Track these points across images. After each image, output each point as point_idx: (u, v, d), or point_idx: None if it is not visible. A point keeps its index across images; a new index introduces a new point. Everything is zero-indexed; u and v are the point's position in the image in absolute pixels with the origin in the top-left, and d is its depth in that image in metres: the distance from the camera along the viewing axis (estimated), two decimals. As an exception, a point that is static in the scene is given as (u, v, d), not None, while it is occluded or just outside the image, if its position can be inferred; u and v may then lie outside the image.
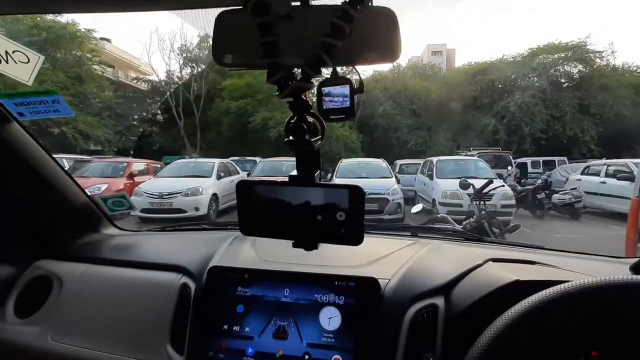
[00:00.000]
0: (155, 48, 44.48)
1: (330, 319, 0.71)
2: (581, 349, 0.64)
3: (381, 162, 8.84)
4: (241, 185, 0.57)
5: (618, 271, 0.79)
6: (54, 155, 0.99)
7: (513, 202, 6.89)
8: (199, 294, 0.80)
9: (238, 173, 9.96)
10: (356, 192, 0.52)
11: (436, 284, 0.73)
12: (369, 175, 8.08)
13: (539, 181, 8.66)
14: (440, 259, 0.86)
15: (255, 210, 0.57)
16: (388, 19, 0.51)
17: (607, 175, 8.39)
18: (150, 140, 23.08)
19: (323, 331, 0.70)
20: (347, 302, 0.72)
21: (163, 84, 23.22)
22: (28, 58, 0.75)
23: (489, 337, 0.42)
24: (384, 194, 6.94)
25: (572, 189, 8.18)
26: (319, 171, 0.56)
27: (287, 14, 0.51)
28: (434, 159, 8.77)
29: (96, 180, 7.95)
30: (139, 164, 9.72)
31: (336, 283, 0.73)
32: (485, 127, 19.45)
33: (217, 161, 8.91)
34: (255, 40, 0.48)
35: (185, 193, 7.25)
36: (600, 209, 8.22)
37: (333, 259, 0.85)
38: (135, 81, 24.62)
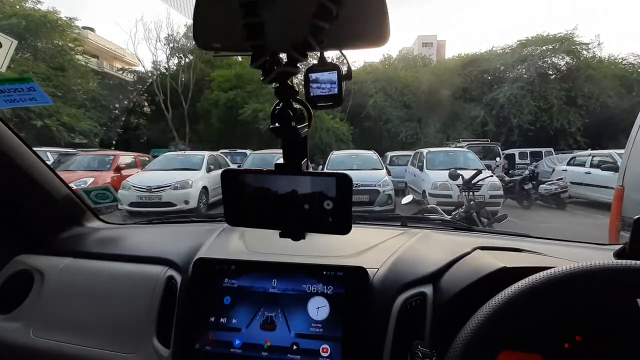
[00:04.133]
0: (141, 38, 43.39)
1: (318, 309, 0.70)
2: (566, 334, 0.65)
3: (372, 154, 8.86)
4: (226, 174, 0.55)
5: (602, 257, 0.80)
6: (38, 149, 0.95)
7: (501, 192, 7.01)
8: (185, 287, 0.78)
9: (228, 166, 9.87)
10: (344, 181, 0.51)
11: (425, 273, 0.73)
12: (360, 167, 8.10)
13: (526, 172, 8.81)
14: (429, 248, 0.86)
15: (241, 200, 0.56)
16: (377, 1, 0.49)
17: (592, 165, 8.57)
18: (137, 132, 22.66)
19: (311, 321, 0.70)
20: (335, 292, 0.71)
21: (150, 74, 22.69)
22: (0, 43, 0.71)
23: (475, 324, 0.42)
24: (374, 186, 6.98)
25: (558, 180, 8.36)
26: (305, 159, 0.55)
27: None
28: (424, 151, 8.83)
29: (82, 173, 7.76)
30: (126, 157, 9.53)
31: (324, 273, 0.73)
32: (474, 119, 19.60)
33: (206, 154, 8.80)
34: (238, 21, 0.46)
35: (174, 186, 7.16)
36: (585, 198, 8.42)
37: (322, 248, 0.84)
38: (120, 72, 24.00)
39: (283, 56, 0.50)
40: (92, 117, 17.55)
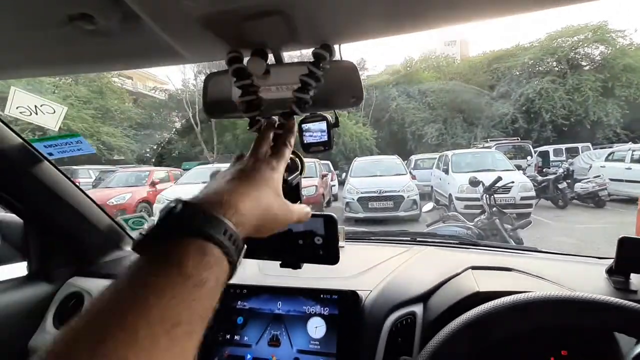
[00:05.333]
0: (170, 57, 45.41)
1: (316, 328, 0.80)
2: (551, 348, 0.70)
3: (395, 159, 8.83)
4: None
5: (594, 274, 0.84)
6: (80, 167, 1.11)
7: (532, 193, 6.76)
8: None
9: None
10: (330, 221, 0.61)
11: (415, 294, 0.81)
12: (383, 173, 8.10)
13: (560, 170, 8.42)
14: (426, 268, 0.93)
15: (247, 237, 0.67)
16: (350, 70, 0.59)
17: (632, 160, 8.07)
18: (170, 147, 23.77)
19: (310, 339, 0.80)
20: (331, 313, 0.81)
21: (179, 92, 23.83)
22: (54, 109, 0.88)
23: (428, 350, 0.50)
24: (399, 192, 6.96)
25: (595, 177, 7.93)
26: (299, 202, 0.65)
27: (265, 71, 0.59)
28: (449, 153, 8.67)
29: (121, 190, 8.37)
30: (160, 172, 10.13)
31: (322, 296, 0.83)
32: (503, 116, 18.95)
33: (232, 166, 9.12)
34: (238, 97, 0.57)
35: (204, 199, 7.48)
36: (626, 196, 7.90)
37: (327, 271, 0.93)
38: (153, 91, 25.40)
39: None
40: (129, 135, 18.71)
